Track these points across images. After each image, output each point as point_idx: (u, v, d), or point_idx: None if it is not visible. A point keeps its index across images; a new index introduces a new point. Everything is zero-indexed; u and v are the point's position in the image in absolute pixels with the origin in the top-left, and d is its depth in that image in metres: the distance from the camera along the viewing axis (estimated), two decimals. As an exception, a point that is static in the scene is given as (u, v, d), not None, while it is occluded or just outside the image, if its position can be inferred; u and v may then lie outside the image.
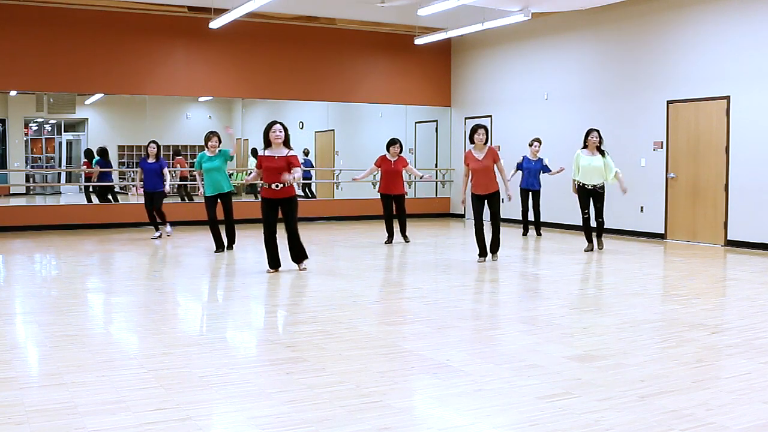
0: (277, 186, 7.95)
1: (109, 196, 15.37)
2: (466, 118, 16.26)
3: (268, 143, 8.09)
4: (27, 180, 18.99)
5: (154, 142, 11.76)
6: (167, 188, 11.71)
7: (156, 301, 7.05)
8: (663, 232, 12.07)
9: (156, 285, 7.98)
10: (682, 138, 11.73)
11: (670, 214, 11.98)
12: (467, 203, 9.59)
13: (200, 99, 18.22)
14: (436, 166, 17.24)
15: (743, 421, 3.66)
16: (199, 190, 10.50)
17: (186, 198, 16.48)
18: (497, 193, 9.13)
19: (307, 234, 12.84)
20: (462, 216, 16.32)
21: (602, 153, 10.13)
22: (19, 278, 8.53)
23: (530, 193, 12.47)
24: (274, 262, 8.27)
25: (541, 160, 12.37)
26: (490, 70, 15.68)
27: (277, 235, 8.24)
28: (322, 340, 5.34)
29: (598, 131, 10.19)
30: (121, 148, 18.75)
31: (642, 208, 12.41)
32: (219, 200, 10.04)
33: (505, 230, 12.59)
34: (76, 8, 13.33)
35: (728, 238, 11.08)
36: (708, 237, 11.37)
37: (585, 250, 10.34)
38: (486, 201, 9.15)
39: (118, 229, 12.58)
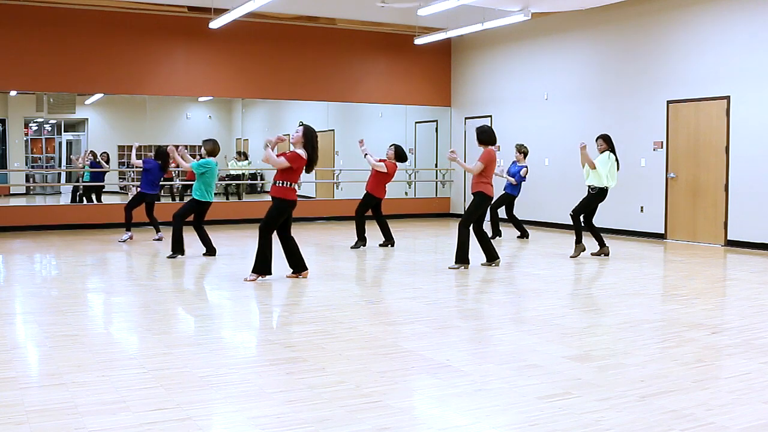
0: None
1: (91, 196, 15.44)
2: (466, 118, 16.27)
3: None
4: (27, 180, 18.98)
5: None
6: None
7: (156, 301, 7.05)
8: (663, 232, 12.07)
9: (156, 285, 7.97)
10: (682, 138, 11.73)
11: (670, 214, 11.98)
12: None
13: (200, 99, 18.22)
14: (436, 166, 17.24)
15: (743, 421, 3.66)
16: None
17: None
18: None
19: (306, 234, 12.85)
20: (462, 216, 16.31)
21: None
22: (19, 278, 8.53)
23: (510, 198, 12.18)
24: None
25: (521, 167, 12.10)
26: (490, 70, 15.68)
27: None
28: (322, 340, 5.34)
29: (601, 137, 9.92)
30: (121, 148, 18.74)
31: (642, 208, 12.41)
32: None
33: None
34: (76, 8, 13.33)
35: (728, 238, 11.08)
36: (708, 237, 11.37)
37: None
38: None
39: (118, 229, 12.56)
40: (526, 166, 12.13)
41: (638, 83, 12.41)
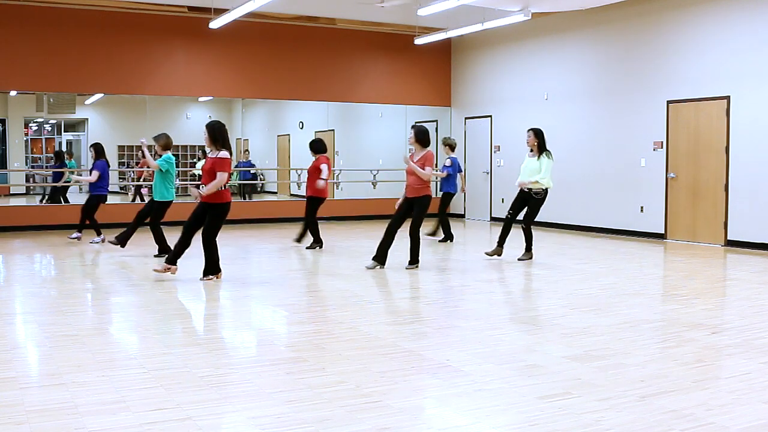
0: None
1: (59, 198, 15.41)
2: (466, 118, 16.27)
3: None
4: (27, 180, 18.99)
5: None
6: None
7: (156, 301, 7.05)
8: (663, 232, 12.07)
9: (156, 285, 7.97)
10: (682, 138, 11.73)
11: (670, 214, 11.98)
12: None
13: (200, 99, 18.22)
14: (436, 166, 17.22)
15: (743, 421, 3.66)
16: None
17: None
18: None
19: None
20: (462, 216, 16.33)
21: (544, 154, 9.25)
22: (19, 278, 8.53)
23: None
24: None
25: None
26: (490, 70, 15.68)
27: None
28: (322, 340, 5.34)
29: (533, 130, 9.32)
30: (121, 148, 18.76)
31: (642, 208, 12.41)
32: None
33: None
34: (75, 8, 13.33)
35: (728, 238, 11.08)
36: (708, 237, 11.37)
37: (486, 253, 9.71)
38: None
39: (118, 229, 12.54)
40: (449, 157, 11.81)
41: (638, 83, 12.41)
